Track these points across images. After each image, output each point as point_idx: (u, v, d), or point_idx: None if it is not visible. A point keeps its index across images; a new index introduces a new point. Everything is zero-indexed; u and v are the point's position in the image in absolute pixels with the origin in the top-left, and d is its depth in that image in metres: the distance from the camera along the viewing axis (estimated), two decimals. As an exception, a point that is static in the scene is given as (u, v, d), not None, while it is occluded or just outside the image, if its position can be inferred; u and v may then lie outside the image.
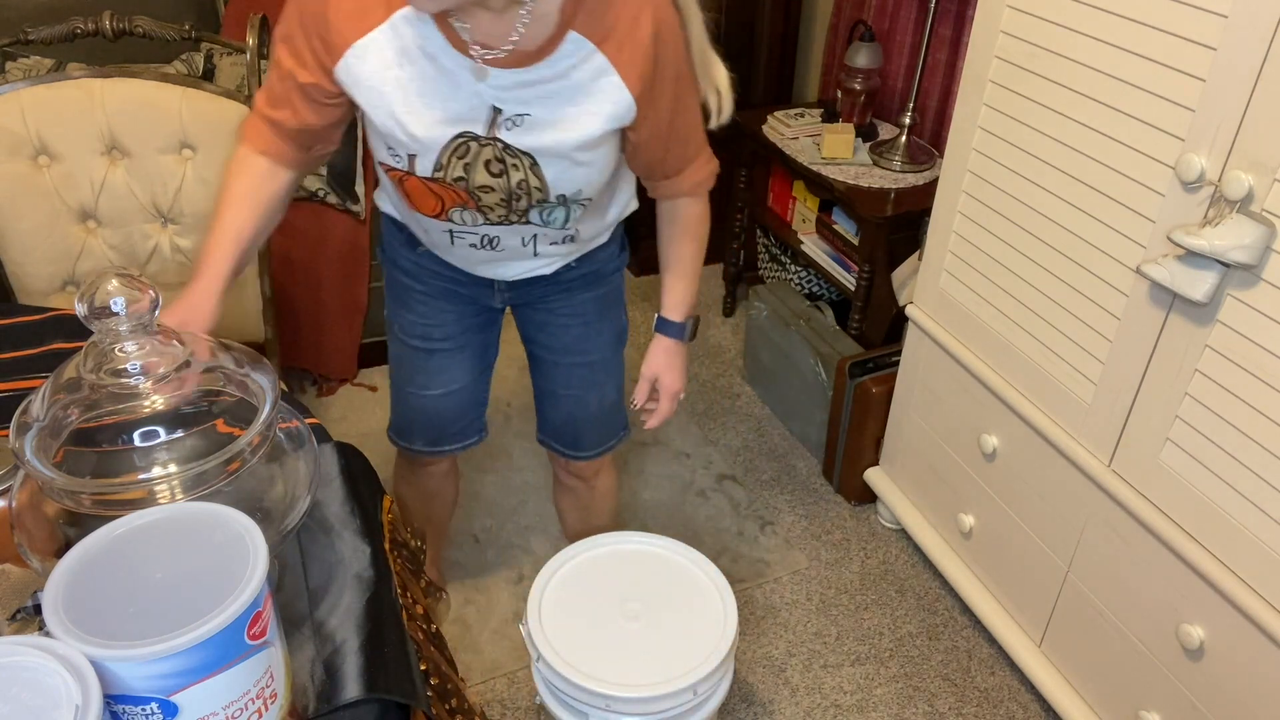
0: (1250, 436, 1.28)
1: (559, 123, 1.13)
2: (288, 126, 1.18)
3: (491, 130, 1.13)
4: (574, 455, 1.63)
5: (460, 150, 1.15)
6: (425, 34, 1.07)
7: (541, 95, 1.12)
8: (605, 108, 1.13)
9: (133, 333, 0.85)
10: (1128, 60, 1.35)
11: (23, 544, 0.85)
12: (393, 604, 1.01)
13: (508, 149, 1.15)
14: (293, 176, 1.23)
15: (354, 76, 1.11)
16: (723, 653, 1.36)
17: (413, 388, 1.55)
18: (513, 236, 1.29)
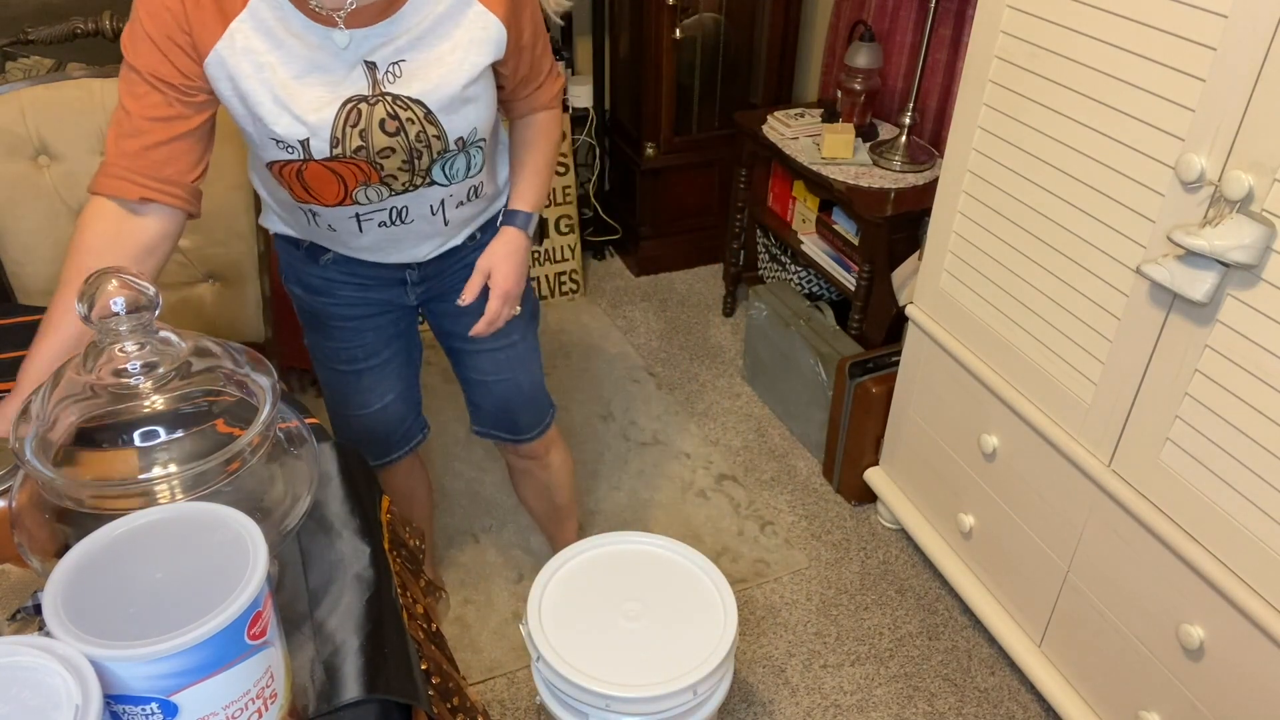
0: (1250, 436, 1.28)
1: (439, 61, 1.13)
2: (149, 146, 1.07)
3: (375, 88, 1.12)
4: (518, 439, 1.63)
5: (352, 118, 1.12)
6: (284, 14, 1.06)
7: (412, 40, 1.11)
8: (478, 34, 1.14)
9: (133, 333, 0.85)
10: (1128, 60, 1.35)
11: (23, 544, 0.85)
12: (393, 604, 1.01)
13: (398, 100, 1.13)
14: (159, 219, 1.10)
15: (227, 70, 1.07)
16: (723, 653, 1.36)
17: (349, 410, 1.55)
18: (420, 204, 1.28)
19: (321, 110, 1.11)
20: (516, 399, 1.58)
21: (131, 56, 1.05)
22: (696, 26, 2.79)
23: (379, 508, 1.15)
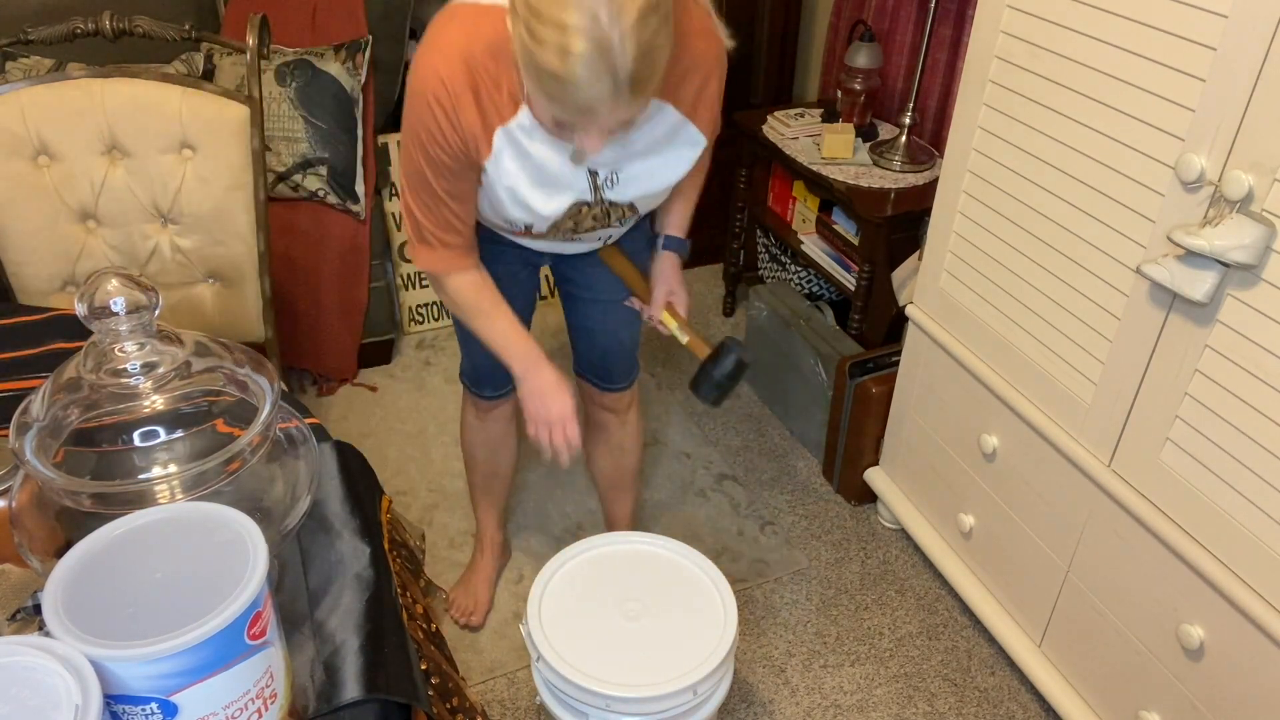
0: (1250, 436, 1.28)
1: (652, 173, 1.32)
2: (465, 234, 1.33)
3: (597, 194, 1.32)
4: (609, 387, 1.77)
5: (571, 212, 1.33)
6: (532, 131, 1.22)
7: (630, 155, 1.28)
8: (688, 152, 1.32)
9: (133, 333, 0.85)
10: (1128, 60, 1.35)
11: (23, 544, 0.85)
12: (393, 604, 1.01)
13: (612, 204, 1.34)
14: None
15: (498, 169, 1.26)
16: (723, 653, 1.36)
17: (471, 339, 1.61)
18: (592, 237, 1.46)
19: (549, 209, 1.31)
20: (615, 351, 1.72)
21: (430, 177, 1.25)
22: (696, 26, 2.79)
23: (379, 508, 1.15)
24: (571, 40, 0.99)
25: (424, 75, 1.18)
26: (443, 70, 1.16)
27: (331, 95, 2.31)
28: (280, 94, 2.28)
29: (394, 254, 2.72)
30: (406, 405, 2.58)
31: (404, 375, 2.69)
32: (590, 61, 1.00)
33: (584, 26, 0.98)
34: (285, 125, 2.29)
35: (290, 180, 2.34)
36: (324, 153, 2.33)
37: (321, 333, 2.56)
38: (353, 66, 2.34)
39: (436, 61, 1.17)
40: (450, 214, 1.29)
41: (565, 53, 1.00)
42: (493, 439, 1.86)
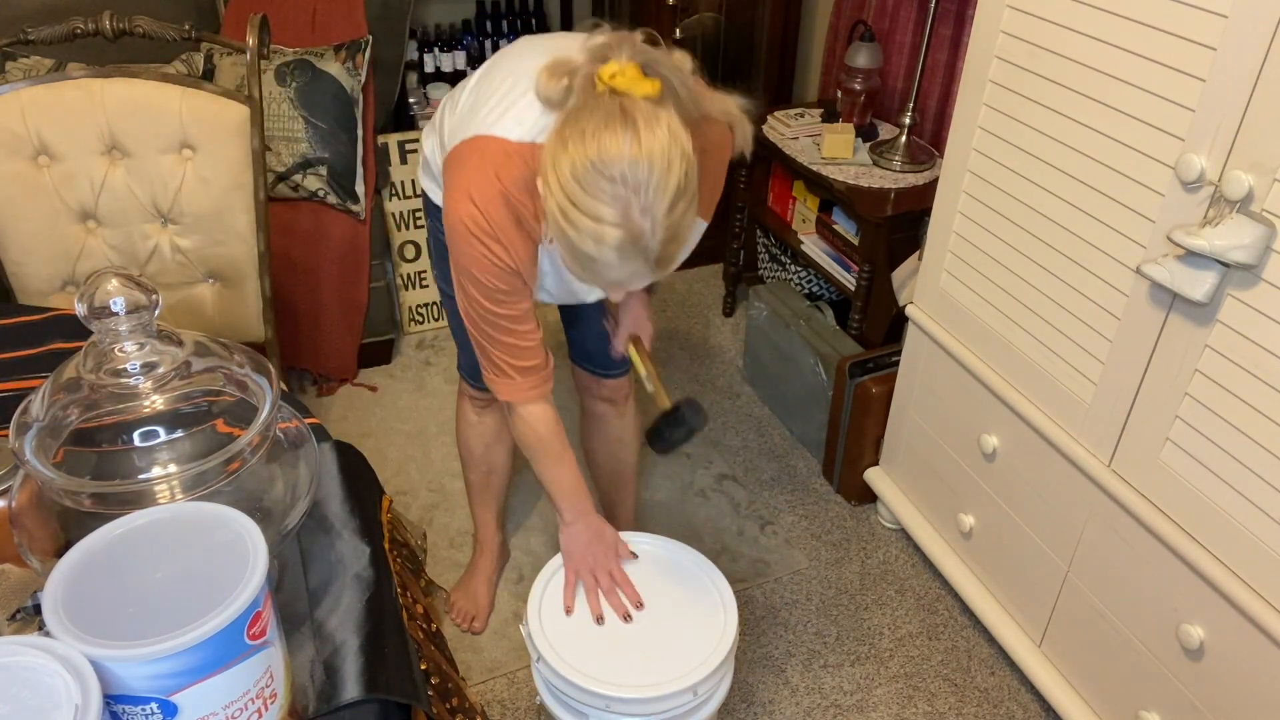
0: (1250, 436, 1.28)
1: None
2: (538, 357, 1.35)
3: None
4: (605, 373, 1.76)
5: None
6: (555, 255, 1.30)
7: None
8: (693, 238, 1.30)
9: (133, 333, 0.85)
10: (1128, 60, 1.35)
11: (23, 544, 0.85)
12: (393, 604, 1.01)
13: None
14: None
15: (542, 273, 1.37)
16: (723, 653, 1.36)
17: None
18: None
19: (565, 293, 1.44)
20: (608, 337, 1.70)
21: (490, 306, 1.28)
22: (696, 26, 2.79)
23: (379, 508, 1.15)
24: (605, 231, 1.04)
25: (463, 214, 1.20)
26: (481, 205, 1.19)
27: (331, 95, 2.31)
28: (280, 94, 2.28)
29: (394, 254, 2.72)
30: (406, 405, 2.58)
31: (404, 375, 2.69)
32: (622, 248, 1.05)
33: (618, 219, 1.03)
34: (285, 125, 2.29)
35: (290, 180, 2.34)
36: (324, 153, 2.33)
37: (321, 333, 2.56)
38: (353, 66, 2.34)
39: (475, 199, 1.19)
40: (517, 339, 1.31)
41: (599, 241, 1.04)
42: (489, 434, 1.86)
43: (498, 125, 1.21)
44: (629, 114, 1.03)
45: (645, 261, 1.07)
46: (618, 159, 1.01)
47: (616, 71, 1.05)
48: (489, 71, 1.33)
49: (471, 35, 2.85)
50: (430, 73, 2.82)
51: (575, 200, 1.04)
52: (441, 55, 2.81)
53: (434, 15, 2.88)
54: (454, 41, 2.83)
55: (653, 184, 1.02)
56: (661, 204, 1.04)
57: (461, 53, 2.82)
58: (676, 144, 1.04)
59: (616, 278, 1.10)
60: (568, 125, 1.06)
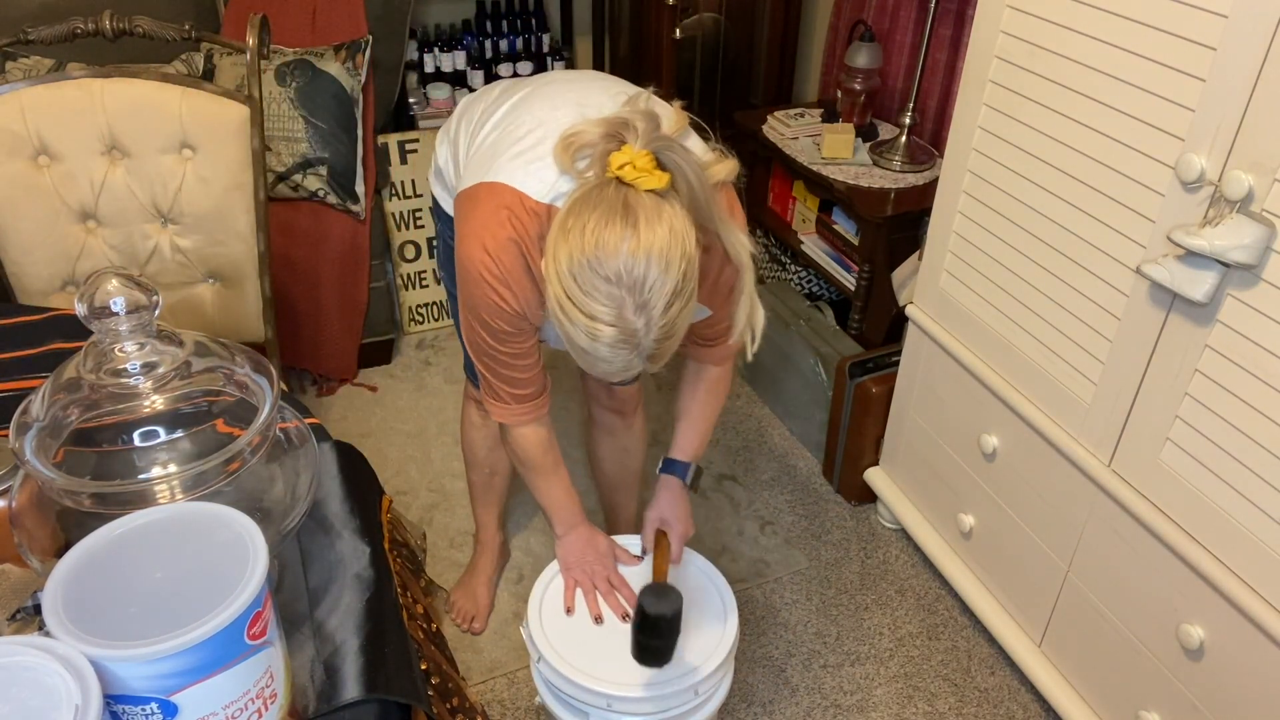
0: (1250, 436, 1.28)
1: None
2: (534, 385, 1.34)
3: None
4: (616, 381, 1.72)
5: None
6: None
7: None
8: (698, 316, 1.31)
9: (133, 333, 0.85)
10: (1128, 60, 1.35)
11: (23, 544, 0.85)
12: (393, 604, 1.01)
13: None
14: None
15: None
16: (724, 653, 1.36)
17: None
18: None
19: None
20: None
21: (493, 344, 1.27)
22: (696, 26, 2.79)
23: (379, 508, 1.15)
24: (599, 329, 1.04)
25: (476, 258, 1.20)
26: (494, 252, 1.18)
27: (331, 95, 2.31)
28: (280, 94, 2.28)
29: (394, 254, 2.72)
30: (406, 405, 2.58)
31: (404, 375, 2.69)
32: (615, 345, 1.05)
33: (612, 318, 1.03)
34: (285, 125, 2.29)
35: (290, 180, 2.34)
36: (324, 153, 2.33)
37: (321, 333, 2.56)
38: (353, 66, 2.34)
39: (488, 245, 1.19)
40: (517, 372, 1.31)
41: (593, 337, 1.04)
42: (493, 437, 1.86)
43: (516, 177, 1.19)
44: (631, 209, 1.02)
45: (638, 356, 1.07)
46: (614, 257, 1.01)
47: (627, 161, 1.04)
48: (518, 110, 1.29)
49: (471, 35, 2.85)
50: (430, 73, 2.82)
51: (570, 295, 1.03)
52: (441, 55, 2.81)
53: (434, 15, 2.87)
54: (454, 41, 2.83)
55: (649, 284, 1.01)
56: (658, 304, 1.03)
57: (461, 53, 2.82)
58: (677, 242, 1.03)
59: (608, 370, 1.10)
60: (571, 213, 1.05)
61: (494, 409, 1.37)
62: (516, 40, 2.87)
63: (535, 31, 2.89)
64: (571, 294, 1.04)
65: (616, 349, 1.05)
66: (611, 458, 1.89)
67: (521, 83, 1.40)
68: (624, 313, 1.03)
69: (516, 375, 1.31)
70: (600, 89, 1.29)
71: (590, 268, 1.01)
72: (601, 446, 1.88)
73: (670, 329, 1.06)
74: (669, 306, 1.04)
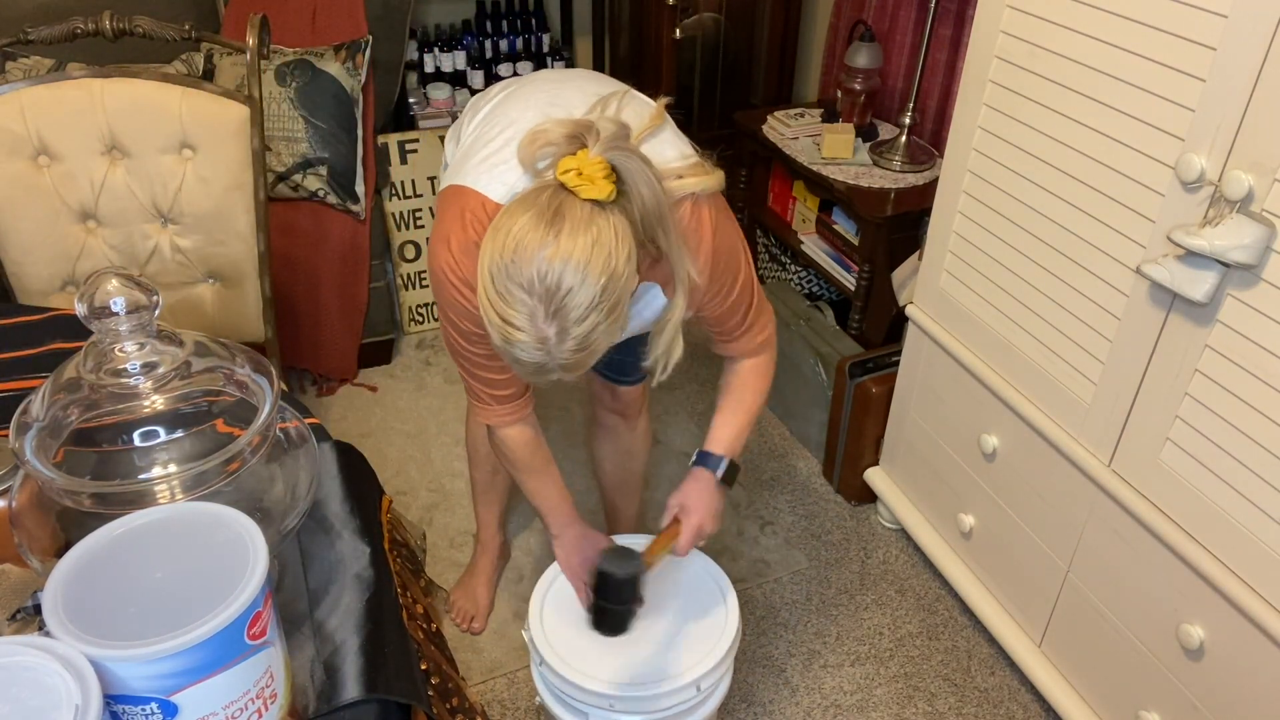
0: (1250, 436, 1.28)
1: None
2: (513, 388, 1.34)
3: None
4: (621, 380, 1.72)
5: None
6: None
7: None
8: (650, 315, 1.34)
9: (133, 333, 0.85)
10: (1128, 60, 1.35)
11: (23, 544, 0.85)
12: (393, 604, 1.01)
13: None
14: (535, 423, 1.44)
15: None
16: (725, 646, 1.36)
17: None
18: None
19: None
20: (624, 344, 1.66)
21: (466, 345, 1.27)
22: (696, 26, 2.79)
23: (379, 508, 1.15)
24: (511, 332, 1.02)
25: (441, 260, 1.21)
26: (457, 253, 1.19)
27: (331, 95, 2.31)
28: (280, 94, 2.28)
29: (394, 254, 2.72)
30: (406, 405, 2.58)
31: (404, 375, 2.69)
32: (528, 350, 1.02)
33: (524, 324, 1.01)
34: (285, 125, 2.29)
35: (290, 180, 2.34)
36: (324, 153, 2.33)
37: (321, 333, 2.56)
38: (353, 66, 2.34)
39: (453, 247, 1.19)
40: (493, 374, 1.31)
41: (505, 338, 1.03)
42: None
43: (481, 181, 1.20)
44: (560, 216, 1.00)
45: (551, 364, 1.05)
46: (530, 263, 0.99)
47: (574, 168, 1.02)
48: (496, 112, 1.30)
49: (471, 35, 2.85)
50: (430, 73, 2.82)
51: (488, 294, 1.02)
52: (441, 55, 2.81)
53: (434, 15, 2.88)
54: (454, 41, 2.83)
55: (562, 293, 0.99)
56: (571, 315, 1.01)
57: (461, 53, 2.82)
58: (601, 255, 1.00)
59: (525, 373, 1.09)
60: (506, 213, 1.03)
61: (478, 410, 1.37)
62: (516, 40, 2.87)
63: (535, 31, 2.89)
64: (489, 293, 1.02)
65: (530, 354, 1.03)
66: (613, 459, 1.89)
67: (513, 82, 1.40)
68: (536, 320, 1.01)
69: (493, 376, 1.31)
70: (576, 88, 1.28)
71: (506, 271, 1.00)
72: (604, 448, 1.88)
73: (585, 342, 1.03)
74: (583, 319, 1.01)
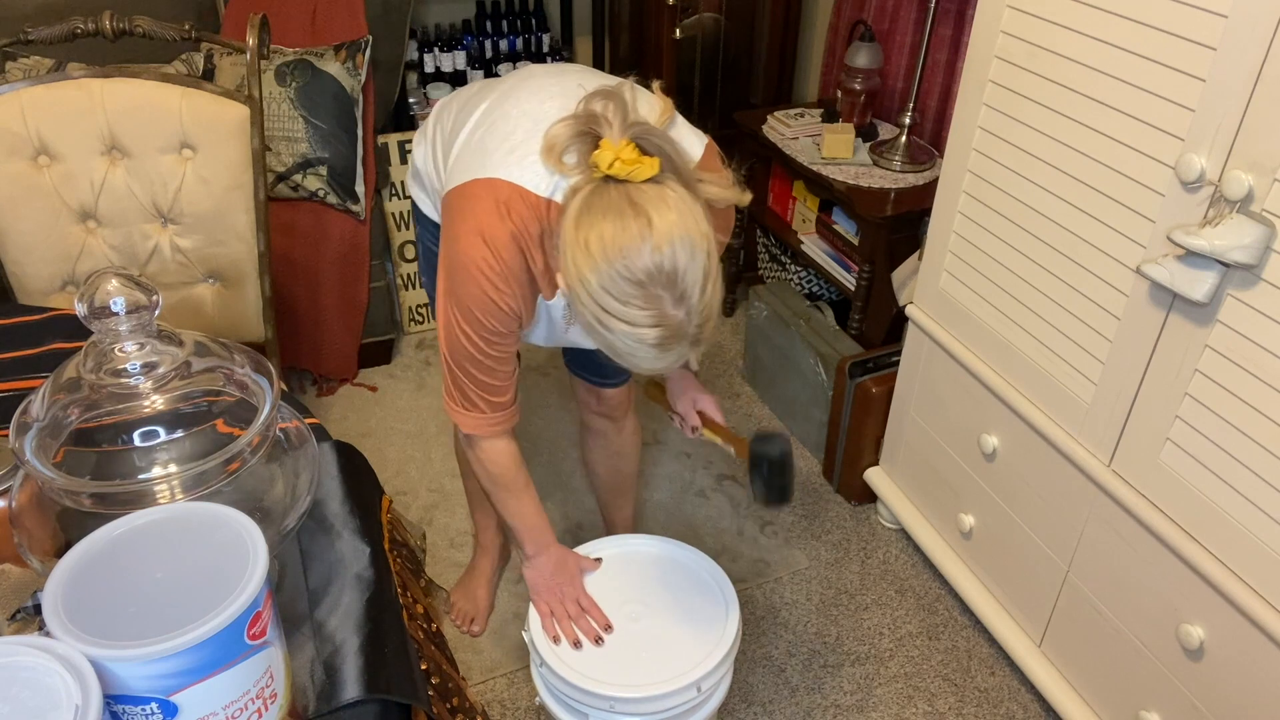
0: (1250, 436, 1.28)
1: None
2: (509, 394, 1.33)
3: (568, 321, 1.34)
4: (603, 382, 1.72)
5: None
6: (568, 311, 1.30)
7: None
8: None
9: (133, 333, 0.85)
10: (1128, 60, 1.35)
11: (23, 544, 0.85)
12: (393, 604, 1.01)
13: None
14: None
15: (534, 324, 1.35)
16: (726, 646, 1.36)
17: None
18: None
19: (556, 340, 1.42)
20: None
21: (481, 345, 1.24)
22: (696, 26, 2.79)
23: (379, 508, 1.15)
24: (643, 333, 1.03)
25: (475, 254, 1.17)
26: (494, 247, 1.17)
27: (331, 95, 2.31)
28: (280, 94, 2.28)
29: (394, 254, 2.72)
30: (406, 405, 2.58)
31: (404, 375, 2.69)
32: (663, 343, 1.04)
33: (654, 319, 1.02)
34: (285, 125, 2.29)
35: (290, 180, 2.34)
36: (324, 153, 2.33)
37: (321, 333, 2.56)
38: (353, 66, 2.34)
39: (489, 240, 1.17)
40: (496, 379, 1.29)
41: (638, 341, 1.04)
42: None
43: (513, 172, 1.18)
44: (637, 205, 1.01)
45: (686, 346, 1.06)
46: (639, 259, 1.00)
47: (615, 158, 1.03)
48: (503, 105, 1.27)
49: (471, 35, 2.85)
50: (430, 73, 2.82)
51: (608, 308, 1.02)
52: (441, 55, 2.81)
53: (434, 15, 2.88)
54: (454, 41, 2.83)
55: (680, 275, 1.01)
56: (694, 291, 1.02)
57: (461, 53, 2.82)
58: (692, 222, 1.02)
59: (657, 367, 1.10)
60: (581, 227, 1.03)
61: (465, 419, 1.33)
62: (516, 40, 2.87)
63: (535, 31, 2.89)
64: (608, 307, 1.02)
65: (665, 346, 1.05)
66: (605, 462, 1.88)
67: (495, 81, 1.38)
68: (665, 310, 1.02)
69: (496, 382, 1.29)
70: (582, 82, 1.28)
71: (621, 277, 1.00)
72: (594, 452, 1.87)
73: (709, 310, 1.05)
74: (704, 289, 1.03)
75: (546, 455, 2.40)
